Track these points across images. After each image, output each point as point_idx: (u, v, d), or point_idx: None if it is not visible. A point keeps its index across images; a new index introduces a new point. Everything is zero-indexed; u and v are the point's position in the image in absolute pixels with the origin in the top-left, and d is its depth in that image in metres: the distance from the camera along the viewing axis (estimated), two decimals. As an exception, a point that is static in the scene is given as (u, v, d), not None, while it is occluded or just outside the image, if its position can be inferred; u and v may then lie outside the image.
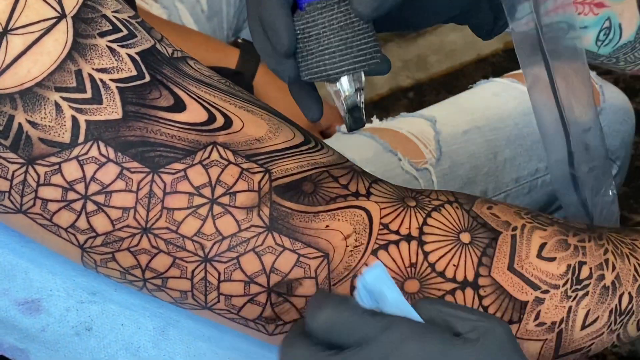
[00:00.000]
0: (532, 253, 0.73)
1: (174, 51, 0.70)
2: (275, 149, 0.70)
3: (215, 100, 0.70)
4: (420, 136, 1.15)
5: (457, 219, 0.73)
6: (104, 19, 0.66)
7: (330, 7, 0.67)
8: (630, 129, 1.23)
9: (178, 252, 0.67)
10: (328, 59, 0.68)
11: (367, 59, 0.68)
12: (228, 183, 0.68)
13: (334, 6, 0.67)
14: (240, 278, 0.68)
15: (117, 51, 0.66)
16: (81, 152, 0.65)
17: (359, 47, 0.68)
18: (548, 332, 0.73)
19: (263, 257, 0.68)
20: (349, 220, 0.71)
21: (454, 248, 0.72)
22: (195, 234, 0.67)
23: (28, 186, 0.65)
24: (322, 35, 0.68)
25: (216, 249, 0.67)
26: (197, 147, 0.67)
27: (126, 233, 0.66)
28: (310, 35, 0.68)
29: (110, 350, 0.74)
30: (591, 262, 0.75)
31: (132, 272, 0.68)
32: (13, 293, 0.73)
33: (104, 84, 0.65)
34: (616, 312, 0.75)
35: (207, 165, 0.67)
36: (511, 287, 0.72)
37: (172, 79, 0.68)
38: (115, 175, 0.65)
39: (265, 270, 0.68)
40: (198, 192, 0.67)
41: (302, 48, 0.69)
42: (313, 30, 0.68)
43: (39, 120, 0.64)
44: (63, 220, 0.66)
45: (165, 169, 0.66)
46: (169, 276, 0.68)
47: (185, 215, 0.67)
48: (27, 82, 0.64)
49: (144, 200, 0.66)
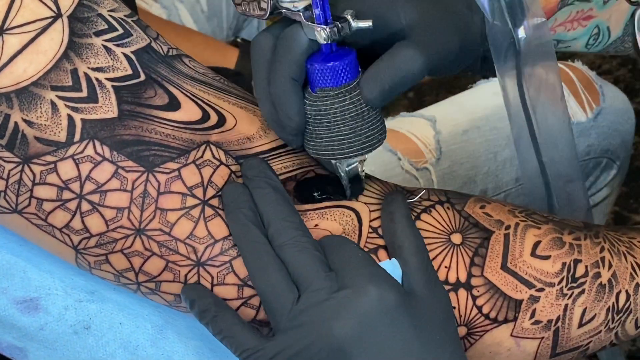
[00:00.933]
0: (525, 251, 0.73)
1: (169, 49, 0.70)
2: (263, 149, 0.71)
3: (209, 97, 0.70)
4: (420, 136, 1.15)
5: (447, 220, 0.73)
6: (99, 18, 0.67)
7: (342, 95, 0.67)
8: (630, 129, 1.23)
9: (171, 256, 0.67)
10: (337, 145, 0.68)
11: (373, 144, 0.69)
12: (218, 184, 0.68)
13: (345, 95, 0.67)
14: (233, 282, 0.68)
15: (112, 50, 0.66)
16: (77, 151, 0.65)
17: (367, 134, 0.68)
18: (544, 330, 0.73)
19: None
20: (337, 220, 0.71)
21: (445, 249, 0.72)
22: (188, 236, 0.67)
23: (24, 185, 0.65)
24: (332, 124, 0.68)
25: (209, 253, 0.67)
26: (191, 146, 0.68)
27: (120, 234, 0.66)
28: (320, 122, 0.68)
29: (109, 349, 0.74)
30: (587, 260, 0.75)
31: (126, 275, 0.68)
32: (11, 292, 0.73)
33: (100, 83, 0.66)
34: (613, 310, 0.75)
35: (200, 165, 0.68)
36: (505, 286, 0.72)
37: (167, 77, 0.68)
38: (110, 174, 0.66)
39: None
40: (191, 192, 0.67)
41: (312, 130, 0.69)
42: (324, 117, 0.68)
43: (35, 119, 0.64)
44: (58, 221, 0.66)
45: (159, 168, 0.66)
46: (162, 280, 0.68)
47: (179, 216, 0.67)
48: (23, 81, 0.64)
49: (138, 200, 0.66)
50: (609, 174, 1.22)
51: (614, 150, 1.21)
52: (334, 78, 0.67)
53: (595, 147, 1.18)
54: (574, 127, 1.16)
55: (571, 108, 1.17)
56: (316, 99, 0.68)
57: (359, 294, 0.65)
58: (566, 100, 1.15)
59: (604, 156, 1.20)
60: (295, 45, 0.67)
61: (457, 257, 0.72)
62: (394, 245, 0.70)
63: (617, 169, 1.22)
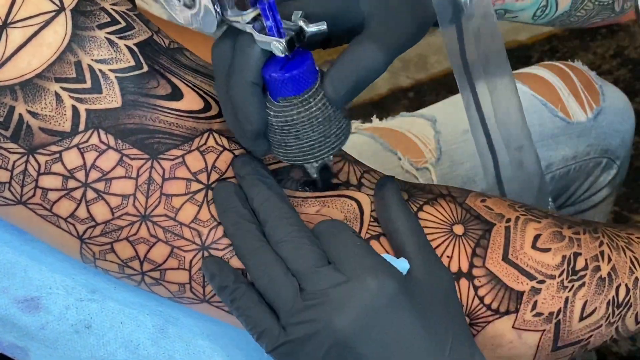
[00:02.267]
0: (526, 244, 0.73)
1: (170, 42, 0.71)
2: None
3: (210, 89, 0.71)
4: (420, 136, 1.15)
5: (449, 211, 0.74)
6: (102, 12, 0.67)
7: (306, 103, 0.66)
8: (630, 129, 1.23)
9: (176, 241, 0.68)
10: (308, 150, 0.67)
11: (342, 141, 0.68)
12: (222, 169, 0.69)
13: (310, 101, 0.66)
14: (237, 265, 0.68)
15: (115, 42, 0.67)
16: (82, 140, 0.66)
17: (336, 134, 0.67)
18: (546, 322, 0.73)
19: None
20: (339, 207, 0.71)
21: (447, 239, 0.72)
22: (193, 220, 0.68)
23: (29, 176, 0.66)
24: (301, 132, 0.66)
25: (212, 236, 0.68)
26: (194, 133, 0.68)
27: (125, 221, 0.67)
28: (289, 132, 0.66)
29: (110, 348, 0.74)
30: (586, 253, 0.75)
31: (130, 264, 0.69)
32: (12, 291, 0.73)
33: (103, 74, 0.66)
34: (614, 303, 0.75)
35: (204, 151, 0.69)
36: (506, 277, 0.72)
37: (169, 68, 0.69)
38: (115, 162, 0.66)
39: None
40: (195, 177, 0.68)
41: (280, 140, 0.67)
42: (292, 127, 0.66)
43: (39, 111, 0.65)
44: (63, 210, 0.67)
45: (164, 155, 0.67)
46: (167, 267, 0.68)
47: (183, 201, 0.67)
48: (27, 74, 0.65)
49: (143, 186, 0.67)
50: (609, 174, 1.22)
51: (614, 150, 1.21)
52: (295, 86, 0.65)
53: (595, 147, 1.18)
54: (574, 127, 1.16)
55: (571, 108, 1.17)
56: (280, 109, 0.66)
57: (358, 285, 0.65)
58: (566, 100, 1.16)
59: (604, 156, 1.20)
60: (250, 53, 0.65)
61: (459, 247, 0.72)
62: (390, 231, 0.70)
63: (617, 169, 1.22)
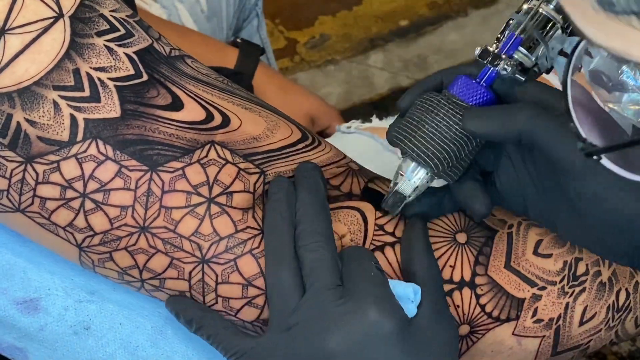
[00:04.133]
0: (528, 250, 0.73)
1: (172, 50, 0.70)
2: (271, 148, 0.70)
3: (213, 98, 0.70)
4: (420, 135, 1.15)
5: (453, 219, 0.73)
6: (101, 18, 0.67)
7: (453, 105, 0.68)
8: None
9: (175, 252, 0.67)
10: (425, 144, 0.68)
11: (445, 173, 0.69)
12: (225, 182, 0.68)
13: (457, 109, 0.68)
14: (238, 281, 0.68)
15: (114, 50, 0.66)
16: (80, 150, 0.65)
17: (452, 163, 0.68)
18: (546, 328, 0.73)
19: (260, 260, 0.68)
20: (342, 220, 0.71)
21: (451, 249, 0.72)
22: (193, 233, 0.67)
23: (26, 184, 0.65)
24: (435, 132, 0.68)
25: (213, 250, 0.67)
26: (195, 145, 0.67)
27: (124, 232, 0.66)
28: (424, 121, 0.68)
29: (109, 350, 0.74)
30: (587, 258, 0.75)
31: (130, 272, 0.68)
32: (11, 292, 0.73)
33: (102, 83, 0.65)
34: (614, 308, 0.75)
35: (205, 164, 0.68)
36: (508, 285, 0.72)
37: (170, 77, 0.68)
38: (113, 173, 0.65)
39: (263, 273, 0.68)
40: (196, 190, 0.67)
41: (410, 120, 0.69)
42: (429, 123, 0.68)
43: (37, 119, 0.64)
44: (61, 219, 0.66)
45: (163, 167, 0.66)
46: (167, 277, 0.68)
47: (183, 214, 0.67)
48: (25, 81, 0.64)
49: (142, 198, 0.66)
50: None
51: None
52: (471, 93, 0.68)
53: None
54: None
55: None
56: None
57: (359, 312, 0.65)
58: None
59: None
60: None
61: (462, 256, 0.72)
62: (408, 271, 0.70)
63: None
